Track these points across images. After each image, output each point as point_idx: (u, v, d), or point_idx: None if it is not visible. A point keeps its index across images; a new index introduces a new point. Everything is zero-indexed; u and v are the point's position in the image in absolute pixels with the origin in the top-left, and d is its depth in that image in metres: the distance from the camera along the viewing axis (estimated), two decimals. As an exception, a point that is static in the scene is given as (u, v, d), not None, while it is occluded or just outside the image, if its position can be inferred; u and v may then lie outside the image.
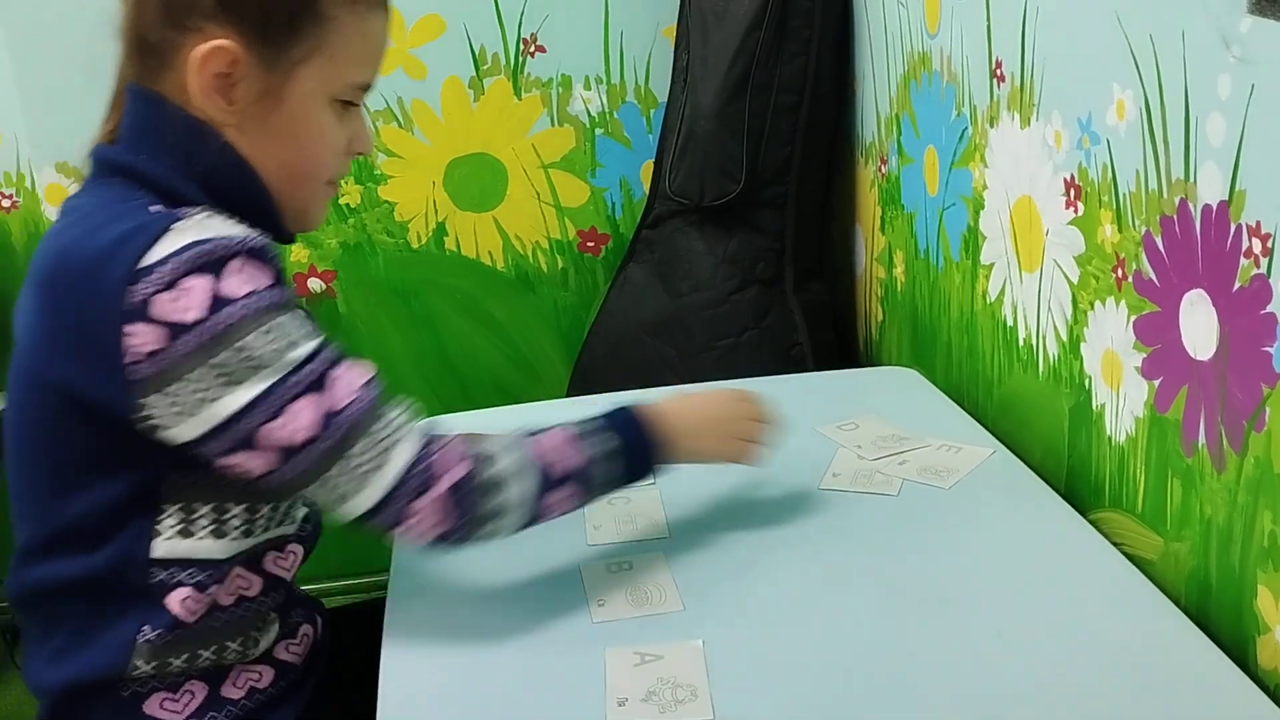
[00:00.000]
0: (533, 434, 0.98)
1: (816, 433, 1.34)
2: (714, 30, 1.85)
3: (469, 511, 0.91)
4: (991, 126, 1.33)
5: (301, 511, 1.05)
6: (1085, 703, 0.87)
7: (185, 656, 0.95)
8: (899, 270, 1.72)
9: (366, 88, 0.99)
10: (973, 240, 1.42)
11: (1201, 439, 0.98)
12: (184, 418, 0.86)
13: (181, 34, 0.91)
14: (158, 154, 0.92)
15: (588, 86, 2.09)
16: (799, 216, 1.88)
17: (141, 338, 0.84)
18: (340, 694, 1.05)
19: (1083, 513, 1.15)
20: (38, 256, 0.93)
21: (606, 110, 2.10)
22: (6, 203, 2.11)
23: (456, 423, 1.37)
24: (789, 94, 1.82)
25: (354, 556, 1.85)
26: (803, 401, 1.47)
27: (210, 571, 0.94)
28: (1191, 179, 0.95)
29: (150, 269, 0.83)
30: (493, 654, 0.97)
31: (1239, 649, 0.94)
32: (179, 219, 0.86)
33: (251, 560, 0.98)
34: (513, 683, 0.93)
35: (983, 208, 1.38)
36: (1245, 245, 0.89)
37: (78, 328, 0.87)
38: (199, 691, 0.96)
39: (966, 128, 1.40)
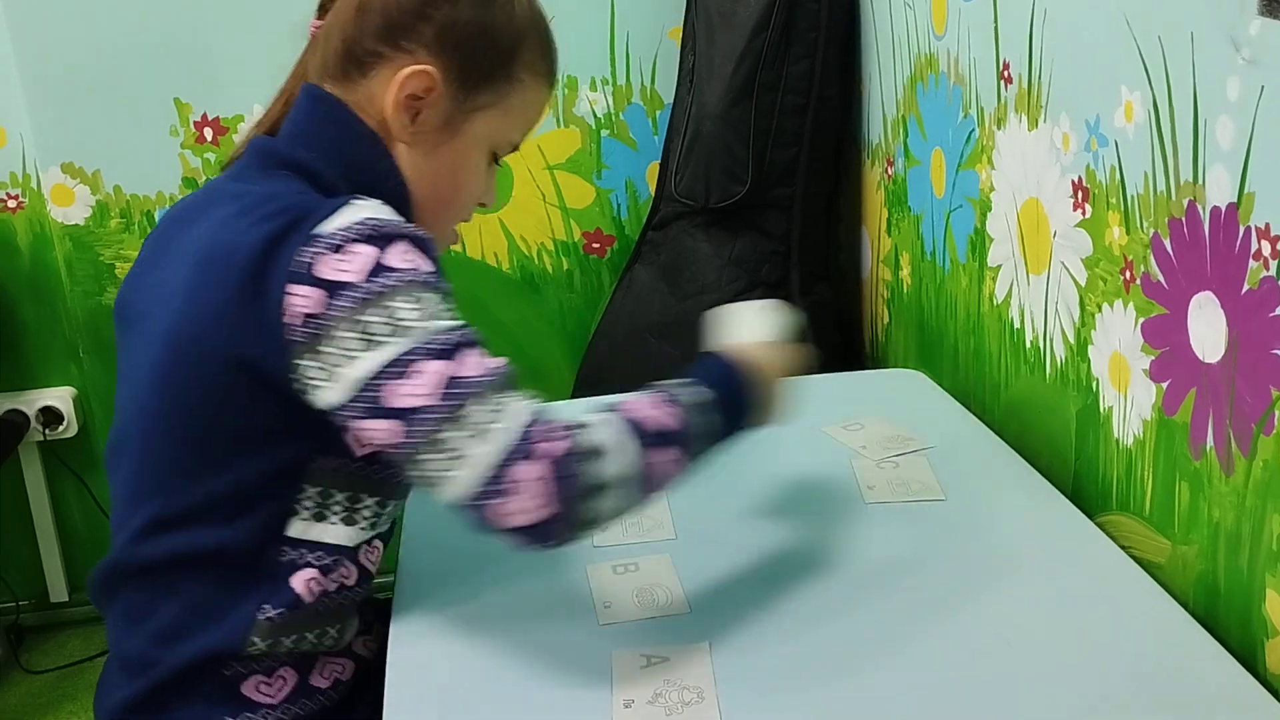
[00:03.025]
0: (618, 403, 0.95)
1: (821, 433, 1.34)
2: (720, 32, 1.85)
3: (573, 488, 0.85)
4: (999, 128, 1.33)
5: None
6: (1093, 707, 0.87)
7: (294, 638, 0.98)
8: (905, 272, 1.72)
9: (516, 148, 1.08)
10: (979, 242, 1.42)
11: (1210, 442, 0.97)
12: (330, 381, 0.88)
13: (393, 50, 0.98)
14: (326, 155, 0.98)
15: (593, 88, 2.09)
16: (805, 218, 1.88)
17: (303, 299, 0.87)
18: None
19: (1090, 516, 1.15)
20: (198, 237, 0.95)
21: (612, 111, 2.10)
22: (12, 203, 2.11)
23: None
24: (795, 95, 1.82)
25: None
26: (808, 403, 1.46)
27: (336, 557, 0.98)
28: (1200, 181, 0.94)
29: (324, 235, 0.88)
30: (499, 655, 0.97)
31: (1248, 652, 0.94)
32: (359, 198, 0.92)
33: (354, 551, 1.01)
34: (519, 684, 0.93)
35: (990, 210, 1.38)
36: (1254, 247, 0.88)
37: (249, 295, 0.89)
38: (290, 678, 0.99)
39: (974, 130, 1.40)
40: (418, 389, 0.86)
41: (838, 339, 1.94)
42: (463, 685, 0.94)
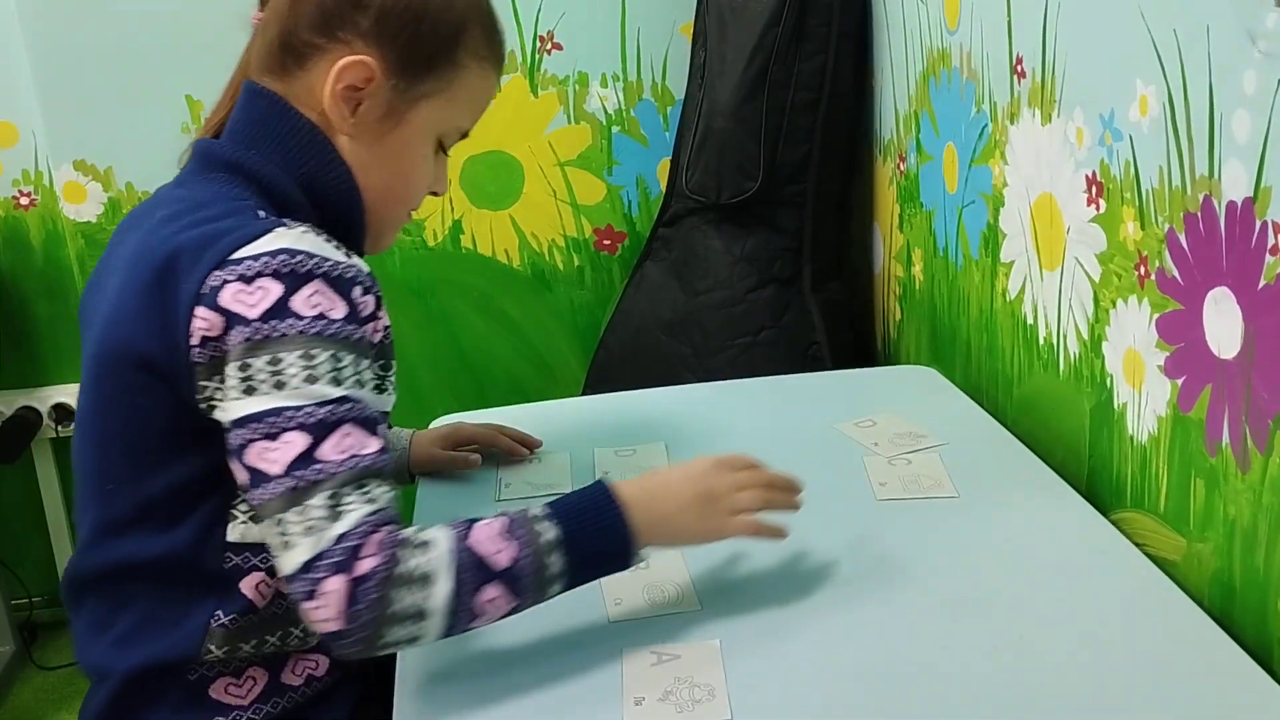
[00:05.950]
0: (473, 523, 0.90)
1: (833, 430, 1.34)
2: (732, 27, 1.85)
3: (371, 610, 0.83)
4: (1012, 123, 1.32)
5: None
6: (1107, 705, 0.86)
7: (254, 642, 0.97)
8: (917, 268, 1.71)
9: (465, 135, 1.06)
10: (992, 238, 1.42)
11: (1225, 438, 0.97)
12: (224, 403, 0.89)
13: (329, 41, 0.97)
14: (266, 152, 0.98)
15: (604, 84, 2.08)
16: (817, 214, 1.87)
17: (206, 322, 0.88)
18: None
19: (1104, 513, 1.14)
20: (134, 242, 0.96)
21: (623, 108, 2.10)
22: (25, 200, 2.12)
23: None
24: (807, 91, 1.82)
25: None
26: (820, 400, 1.46)
27: None
28: (1216, 175, 0.94)
29: (239, 261, 0.88)
30: (509, 652, 0.96)
31: (1263, 651, 0.93)
32: (284, 224, 0.91)
33: None
34: (529, 681, 0.93)
35: (1003, 205, 1.37)
36: (1271, 242, 0.88)
37: (164, 306, 0.90)
38: (260, 678, 0.99)
39: (986, 124, 1.39)
40: (273, 456, 0.85)
41: (850, 336, 1.94)
42: (473, 682, 0.93)
